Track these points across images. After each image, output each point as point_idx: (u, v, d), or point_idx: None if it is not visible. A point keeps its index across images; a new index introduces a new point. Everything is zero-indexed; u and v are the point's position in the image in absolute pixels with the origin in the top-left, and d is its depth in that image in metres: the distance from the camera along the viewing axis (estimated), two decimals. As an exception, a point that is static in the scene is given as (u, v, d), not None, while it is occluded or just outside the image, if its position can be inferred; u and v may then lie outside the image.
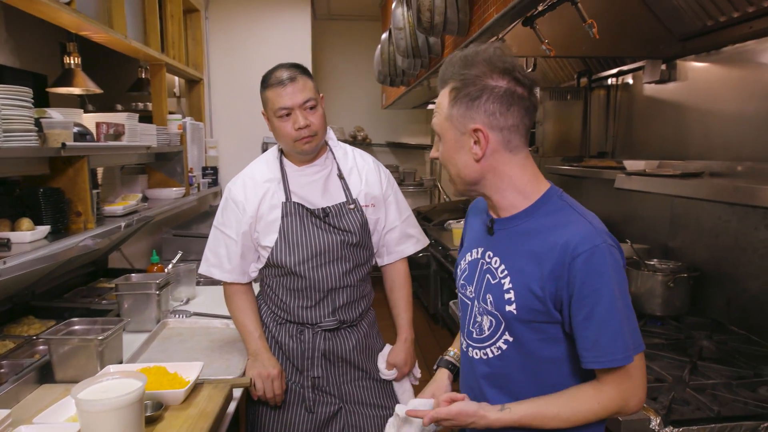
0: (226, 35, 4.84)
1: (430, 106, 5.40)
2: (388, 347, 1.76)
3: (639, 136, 2.87)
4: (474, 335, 1.15)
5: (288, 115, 1.51)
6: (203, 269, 1.66)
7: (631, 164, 2.30)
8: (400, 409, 1.17)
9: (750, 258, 1.92)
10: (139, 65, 4.17)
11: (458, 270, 1.25)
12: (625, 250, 1.52)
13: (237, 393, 1.50)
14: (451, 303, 3.28)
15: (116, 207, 2.53)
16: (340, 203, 1.61)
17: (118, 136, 2.62)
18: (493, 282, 1.10)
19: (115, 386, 1.11)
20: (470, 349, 1.17)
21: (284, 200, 1.58)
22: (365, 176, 1.67)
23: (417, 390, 1.52)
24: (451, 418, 1.07)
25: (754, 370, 1.63)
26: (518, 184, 1.08)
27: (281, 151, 1.66)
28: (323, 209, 1.60)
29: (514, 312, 1.06)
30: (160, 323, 1.91)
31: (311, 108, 1.53)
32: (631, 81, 2.96)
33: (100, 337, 1.43)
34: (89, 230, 2.13)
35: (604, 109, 3.21)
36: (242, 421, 1.65)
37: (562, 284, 1.01)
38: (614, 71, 3.00)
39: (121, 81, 4.49)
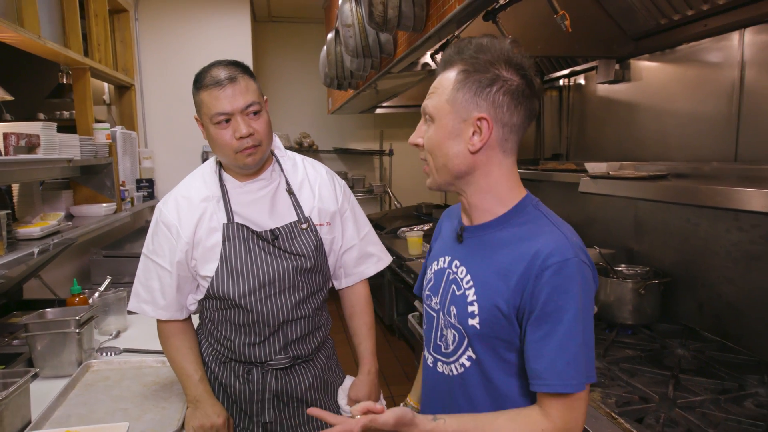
0: (159, 38, 4.52)
1: (379, 110, 5.25)
2: (349, 379, 1.57)
3: (593, 137, 2.83)
4: (442, 349, 1.08)
5: (227, 121, 1.30)
6: (133, 306, 1.41)
7: (592, 167, 2.22)
8: None
9: (722, 262, 1.86)
10: (60, 69, 3.81)
11: (424, 281, 1.17)
12: (593, 256, 1.41)
13: (174, 452, 1.27)
14: (409, 316, 3.13)
15: (33, 228, 2.23)
16: (290, 223, 1.41)
17: (31, 148, 2.31)
18: (458, 293, 1.03)
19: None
20: (438, 363, 1.09)
21: (225, 222, 1.36)
22: (318, 190, 1.47)
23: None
24: (388, 429, 0.93)
25: (737, 381, 1.55)
26: (500, 189, 1.02)
27: (219, 164, 1.44)
28: (271, 231, 1.38)
29: (477, 327, 0.98)
30: (82, 366, 1.64)
31: (255, 113, 1.32)
32: (583, 81, 2.92)
33: (-1, 398, 1.17)
34: (-4, 258, 1.83)
35: (557, 111, 3.17)
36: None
37: (527, 296, 0.94)
38: (566, 72, 2.95)
39: (42, 87, 4.10)
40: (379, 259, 1.61)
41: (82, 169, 3.14)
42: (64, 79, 3.85)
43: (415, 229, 4.14)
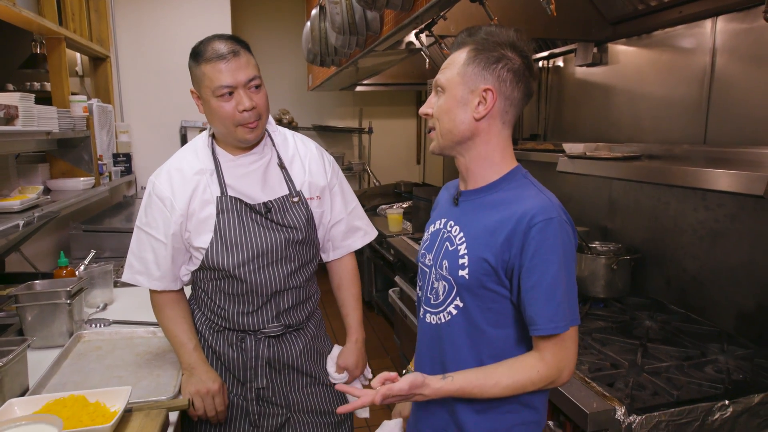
0: (135, 9, 4.40)
1: (359, 88, 5.25)
2: (336, 348, 1.63)
3: (570, 118, 2.90)
4: (431, 301, 1.19)
5: (230, 94, 1.33)
6: (127, 277, 1.44)
7: (570, 147, 2.30)
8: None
9: (689, 239, 1.97)
10: (33, 39, 3.70)
11: (421, 242, 1.29)
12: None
13: (173, 416, 1.31)
14: (390, 291, 3.20)
15: (12, 202, 2.20)
16: (282, 196, 1.45)
17: (10, 119, 2.27)
18: (450, 249, 1.15)
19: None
20: (427, 314, 1.21)
21: (219, 194, 1.39)
22: (308, 165, 1.51)
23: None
24: (404, 393, 1.04)
25: (699, 349, 1.67)
26: (495, 156, 1.13)
27: (212, 137, 1.47)
28: (264, 204, 1.42)
29: (466, 277, 1.09)
30: (74, 337, 1.66)
31: (256, 87, 1.36)
32: (562, 64, 2.98)
33: (-1, 364, 1.19)
34: (-22, 231, 1.82)
35: (535, 92, 3.23)
36: (179, 445, 1.47)
37: (515, 252, 1.05)
38: (545, 54, 3.01)
39: (12, 57, 3.97)
40: (366, 233, 1.66)
41: (59, 143, 3.09)
42: (38, 49, 3.74)
43: (395, 207, 4.20)
